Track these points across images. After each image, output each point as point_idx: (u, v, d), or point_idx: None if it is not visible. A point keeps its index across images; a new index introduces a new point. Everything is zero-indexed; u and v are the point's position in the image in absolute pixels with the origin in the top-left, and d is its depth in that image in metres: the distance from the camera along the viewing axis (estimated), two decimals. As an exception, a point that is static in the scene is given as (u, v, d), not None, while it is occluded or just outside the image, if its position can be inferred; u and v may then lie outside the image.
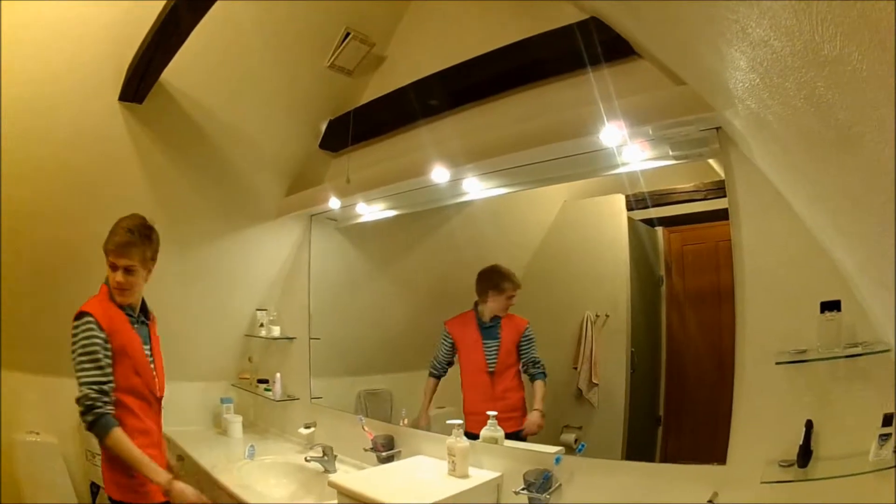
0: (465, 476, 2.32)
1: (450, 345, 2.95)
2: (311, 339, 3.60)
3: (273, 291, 3.93)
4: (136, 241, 2.18)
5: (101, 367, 2.02)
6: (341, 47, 3.11)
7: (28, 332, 3.29)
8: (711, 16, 1.09)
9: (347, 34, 3.08)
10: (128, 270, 2.18)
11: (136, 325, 2.23)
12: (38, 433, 3.38)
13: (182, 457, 3.21)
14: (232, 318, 3.94)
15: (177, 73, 2.87)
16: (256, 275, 3.87)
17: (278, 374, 3.62)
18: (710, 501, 1.71)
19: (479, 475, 2.34)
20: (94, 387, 1.99)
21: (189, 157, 3.26)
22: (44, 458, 3.35)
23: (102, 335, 2.05)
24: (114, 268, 2.17)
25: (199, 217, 3.46)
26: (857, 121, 0.98)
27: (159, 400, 2.27)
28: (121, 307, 2.19)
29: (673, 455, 2.10)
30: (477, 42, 2.68)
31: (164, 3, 2.34)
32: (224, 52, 2.96)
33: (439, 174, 2.58)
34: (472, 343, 2.86)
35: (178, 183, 3.30)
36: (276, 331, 3.75)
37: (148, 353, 2.24)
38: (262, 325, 3.84)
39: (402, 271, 3.47)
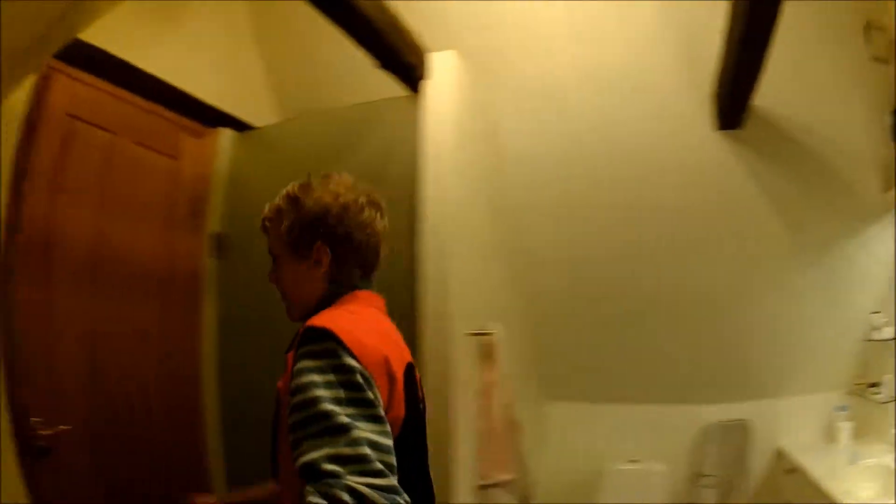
0: None
1: None
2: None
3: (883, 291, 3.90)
4: (271, 215, 1.43)
5: None
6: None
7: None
8: None
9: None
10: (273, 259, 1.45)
11: None
12: (638, 461, 4.17)
13: (792, 469, 3.62)
14: (846, 324, 4.02)
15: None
16: (868, 276, 3.92)
17: (888, 377, 3.58)
18: None
19: None
20: None
21: (800, 170, 3.54)
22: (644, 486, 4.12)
23: None
24: None
25: (812, 230, 3.77)
26: None
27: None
28: None
29: None
30: None
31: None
32: (790, 60, 3.15)
33: None
34: None
35: (800, 201, 3.61)
36: (886, 332, 3.71)
37: None
38: (876, 328, 3.84)
39: None
